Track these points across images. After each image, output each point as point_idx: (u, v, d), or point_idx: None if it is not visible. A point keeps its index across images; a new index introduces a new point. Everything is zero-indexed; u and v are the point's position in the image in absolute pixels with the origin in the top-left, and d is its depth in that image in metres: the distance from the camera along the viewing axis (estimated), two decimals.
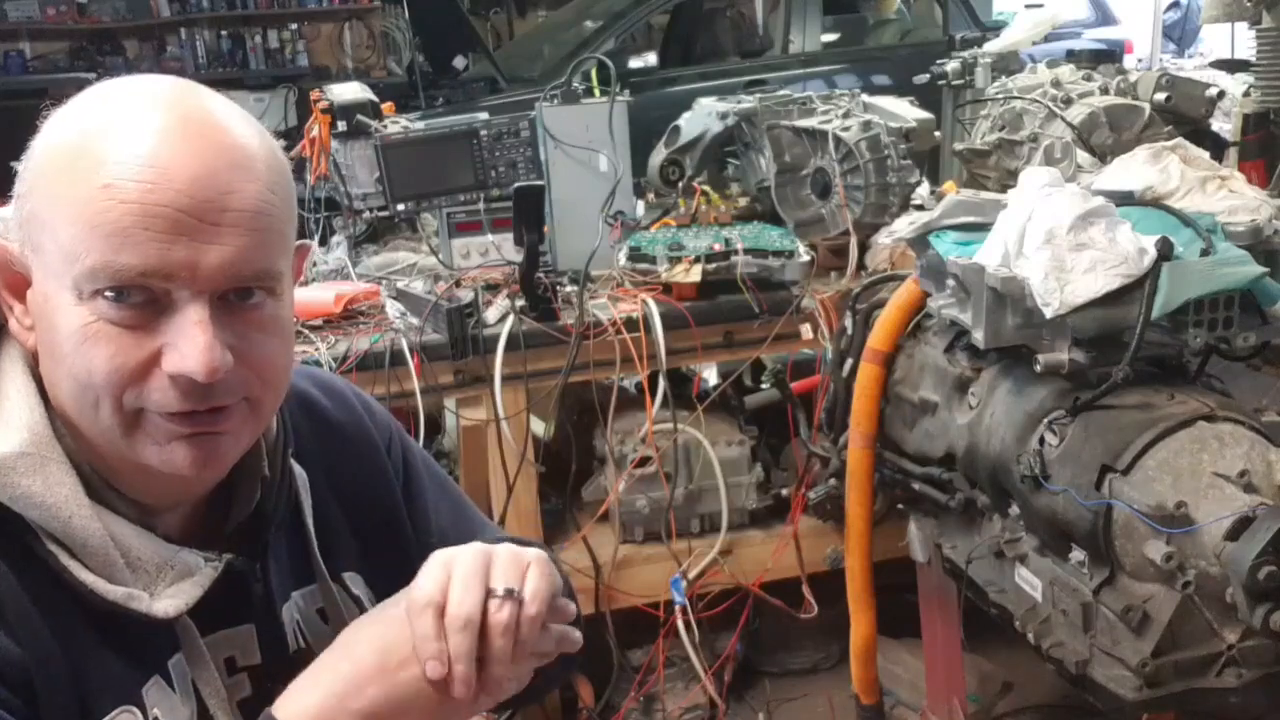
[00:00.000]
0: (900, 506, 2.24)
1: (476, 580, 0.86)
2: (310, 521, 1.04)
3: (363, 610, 1.06)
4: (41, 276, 0.85)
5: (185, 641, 0.92)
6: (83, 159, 0.82)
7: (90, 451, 0.89)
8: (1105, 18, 9.47)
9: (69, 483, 0.86)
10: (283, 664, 0.98)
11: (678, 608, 2.53)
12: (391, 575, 1.13)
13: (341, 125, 2.79)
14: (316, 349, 2.28)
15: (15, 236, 0.87)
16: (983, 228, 1.84)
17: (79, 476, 0.87)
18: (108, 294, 0.82)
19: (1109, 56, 3.51)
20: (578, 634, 0.93)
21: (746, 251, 2.50)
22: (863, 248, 2.66)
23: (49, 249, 0.83)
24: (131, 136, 0.82)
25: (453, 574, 0.87)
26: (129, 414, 0.85)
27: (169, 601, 0.88)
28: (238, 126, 0.86)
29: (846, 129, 2.64)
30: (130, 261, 0.80)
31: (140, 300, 0.82)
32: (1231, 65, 3.79)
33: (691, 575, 2.55)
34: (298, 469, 1.04)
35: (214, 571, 0.92)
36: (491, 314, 2.42)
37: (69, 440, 0.88)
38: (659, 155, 3.07)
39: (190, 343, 0.82)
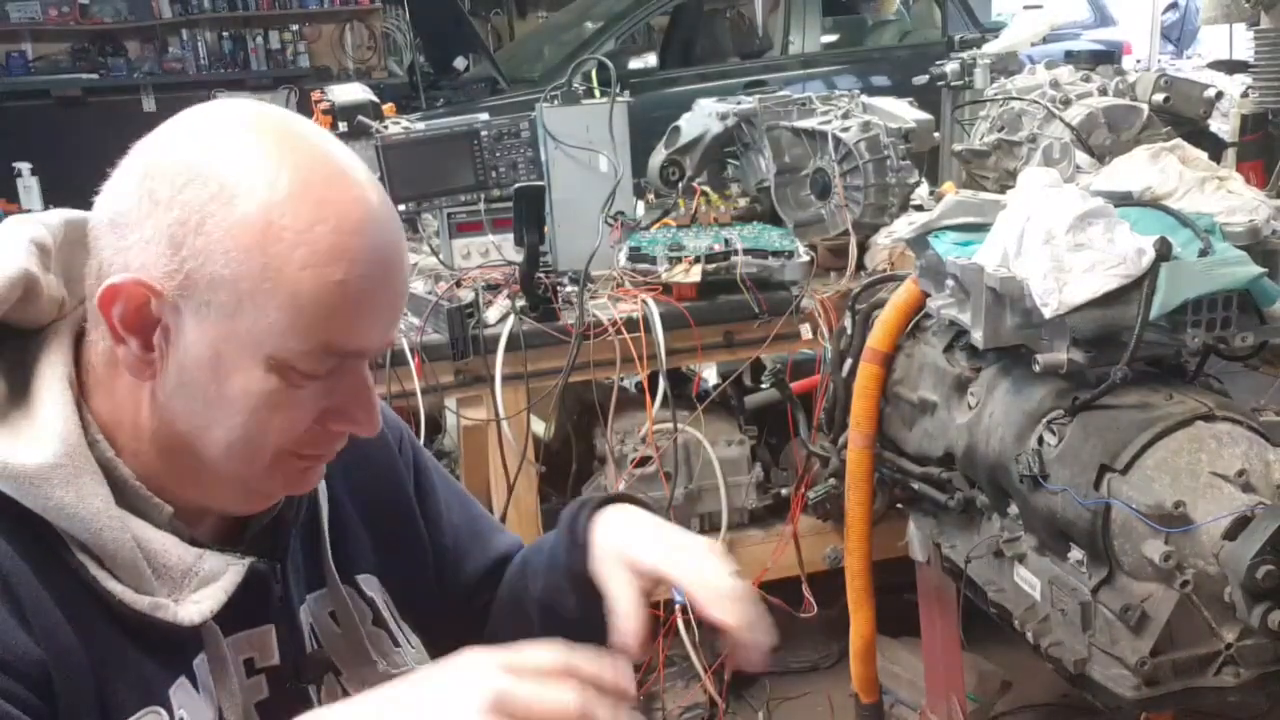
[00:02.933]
0: (900, 506, 2.24)
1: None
2: (326, 526, 1.05)
3: (376, 613, 1.08)
4: (212, 334, 0.84)
5: (209, 644, 0.93)
6: (303, 248, 0.81)
7: (144, 464, 0.90)
8: (1104, 19, 9.44)
9: (101, 494, 0.86)
10: (300, 665, 1.00)
11: (678, 607, 2.52)
12: (407, 574, 1.14)
13: (342, 126, 2.80)
14: None
15: (164, 283, 0.83)
16: (982, 228, 1.84)
17: (110, 485, 0.88)
18: (305, 368, 0.85)
19: (1107, 57, 3.53)
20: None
21: (746, 251, 2.50)
22: (862, 248, 2.66)
23: (246, 318, 0.82)
24: (351, 224, 0.83)
25: None
26: (278, 458, 0.89)
27: (194, 608, 0.89)
28: (384, 196, 0.89)
29: (846, 130, 2.64)
30: (356, 347, 0.87)
31: (330, 369, 0.87)
32: (1230, 66, 3.79)
33: None
34: None
35: (237, 576, 0.93)
36: (492, 314, 2.42)
37: (103, 447, 0.88)
38: (659, 156, 3.07)
39: (365, 409, 0.91)
